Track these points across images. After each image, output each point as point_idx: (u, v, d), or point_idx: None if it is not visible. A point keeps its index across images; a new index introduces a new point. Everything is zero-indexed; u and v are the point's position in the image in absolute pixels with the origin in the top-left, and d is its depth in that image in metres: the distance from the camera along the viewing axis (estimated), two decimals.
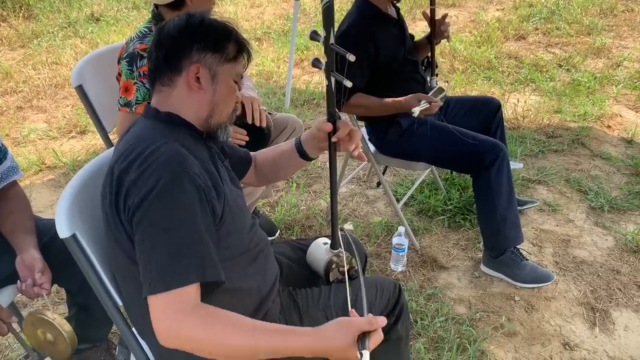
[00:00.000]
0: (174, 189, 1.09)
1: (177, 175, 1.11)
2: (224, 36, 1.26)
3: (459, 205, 2.86)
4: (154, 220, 1.08)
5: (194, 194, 1.12)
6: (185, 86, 1.24)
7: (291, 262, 1.57)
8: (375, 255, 2.58)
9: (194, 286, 1.07)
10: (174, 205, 1.09)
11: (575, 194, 3.01)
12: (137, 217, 1.09)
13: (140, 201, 1.08)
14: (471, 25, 5.91)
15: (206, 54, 1.24)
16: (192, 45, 1.23)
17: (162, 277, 1.05)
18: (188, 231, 1.09)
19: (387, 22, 2.40)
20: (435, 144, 2.35)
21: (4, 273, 1.59)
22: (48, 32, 6.03)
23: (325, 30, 1.25)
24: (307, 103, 4.32)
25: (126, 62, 1.95)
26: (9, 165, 1.70)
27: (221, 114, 1.30)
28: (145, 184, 1.09)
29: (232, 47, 1.27)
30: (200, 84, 1.24)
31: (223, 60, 1.26)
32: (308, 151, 1.50)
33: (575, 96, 4.15)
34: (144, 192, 1.08)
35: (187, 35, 1.24)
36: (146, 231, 1.08)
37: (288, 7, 6.73)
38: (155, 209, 1.08)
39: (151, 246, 1.07)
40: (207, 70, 1.24)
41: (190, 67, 1.23)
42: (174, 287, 1.04)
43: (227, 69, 1.27)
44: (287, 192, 3.10)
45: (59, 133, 3.95)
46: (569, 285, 2.38)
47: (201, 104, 1.26)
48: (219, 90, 1.27)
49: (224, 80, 1.27)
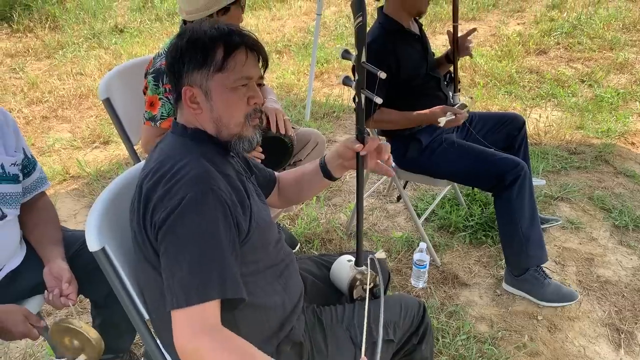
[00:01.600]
0: (198, 205, 1.11)
1: (202, 192, 1.12)
2: (207, 47, 1.21)
3: (481, 221, 2.84)
4: (178, 236, 1.10)
5: (219, 210, 1.13)
6: (188, 109, 1.26)
7: (315, 279, 1.57)
8: (396, 271, 2.57)
9: (214, 303, 1.08)
10: (198, 221, 1.10)
11: (598, 212, 2.98)
12: (162, 233, 1.11)
13: (165, 217, 1.10)
14: (492, 40, 5.90)
15: (192, 73, 1.22)
16: (180, 68, 1.23)
17: (183, 291, 1.06)
18: (211, 247, 1.10)
19: (409, 38, 2.40)
20: (456, 162, 2.34)
21: (31, 283, 1.62)
22: (73, 43, 6.15)
23: (357, 48, 1.26)
24: (327, 116, 4.33)
25: (152, 77, 1.99)
26: (38, 177, 1.73)
27: (228, 126, 1.26)
28: (171, 201, 1.11)
29: (219, 53, 1.21)
30: (197, 104, 1.24)
31: (212, 72, 1.21)
32: (332, 171, 1.49)
33: (598, 112, 4.11)
34: (169, 208, 1.10)
35: (175, 58, 1.24)
36: (170, 246, 1.10)
37: (308, 20, 6.78)
38: (180, 225, 1.10)
39: (174, 261, 1.09)
40: (199, 89, 1.23)
41: (184, 90, 1.23)
42: (195, 303, 1.06)
43: (221, 79, 1.22)
44: (307, 205, 3.11)
45: (82, 143, 4.01)
46: (593, 305, 2.34)
47: (206, 122, 1.27)
48: (216, 106, 1.24)
49: (218, 93, 1.23)
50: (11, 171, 1.59)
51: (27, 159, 1.68)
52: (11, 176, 1.59)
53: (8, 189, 1.58)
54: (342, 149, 1.43)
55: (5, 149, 1.59)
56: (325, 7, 7.18)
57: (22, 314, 1.47)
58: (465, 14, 6.62)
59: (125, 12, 7.38)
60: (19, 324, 1.45)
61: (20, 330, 1.44)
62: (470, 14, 6.68)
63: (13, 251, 1.64)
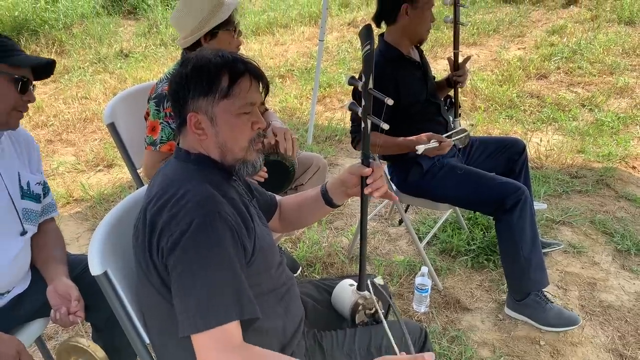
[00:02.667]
0: (206, 230, 1.12)
1: (209, 216, 1.14)
2: (213, 74, 1.24)
3: (482, 245, 2.84)
4: (190, 261, 1.11)
5: (226, 233, 1.15)
6: (192, 134, 1.28)
7: (316, 304, 1.57)
8: (398, 295, 2.56)
9: (234, 324, 1.10)
10: (208, 245, 1.12)
11: (600, 236, 2.97)
12: (172, 259, 1.12)
13: (174, 243, 1.12)
14: (492, 64, 5.96)
15: (198, 100, 1.25)
16: (185, 95, 1.25)
17: (202, 315, 1.08)
18: (224, 269, 1.12)
19: (409, 64, 2.44)
20: (457, 186, 2.35)
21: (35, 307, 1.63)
22: (79, 68, 6.24)
23: (364, 75, 1.30)
24: (329, 139, 4.36)
25: (154, 102, 2.02)
26: (50, 202, 1.77)
27: (233, 151, 1.28)
28: (178, 226, 1.12)
29: (225, 80, 1.24)
30: (202, 130, 1.26)
31: (217, 99, 1.24)
32: (334, 198, 1.50)
33: (599, 136, 4.13)
34: (177, 234, 1.12)
35: (181, 85, 1.26)
36: (183, 272, 1.11)
37: (311, 46, 6.87)
38: (190, 250, 1.11)
39: (190, 286, 1.10)
40: (204, 115, 1.25)
41: (189, 116, 1.25)
42: (215, 325, 1.07)
43: (225, 106, 1.25)
44: (309, 229, 3.11)
45: (86, 166, 4.05)
46: (596, 331, 2.33)
47: (210, 147, 1.29)
48: (221, 131, 1.26)
49: (223, 119, 1.25)
50: (35, 190, 1.65)
51: (44, 182, 1.73)
52: (35, 195, 1.65)
53: (32, 206, 1.64)
54: (346, 176, 1.45)
55: (30, 168, 1.66)
56: (328, 33, 7.28)
57: (15, 349, 1.44)
58: (466, 39, 6.70)
59: (131, 37, 7.49)
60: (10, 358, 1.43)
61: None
62: (471, 39, 6.76)
63: (25, 273, 1.66)
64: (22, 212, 1.59)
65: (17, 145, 1.64)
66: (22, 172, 1.62)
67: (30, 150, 1.68)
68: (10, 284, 1.60)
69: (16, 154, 1.62)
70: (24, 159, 1.65)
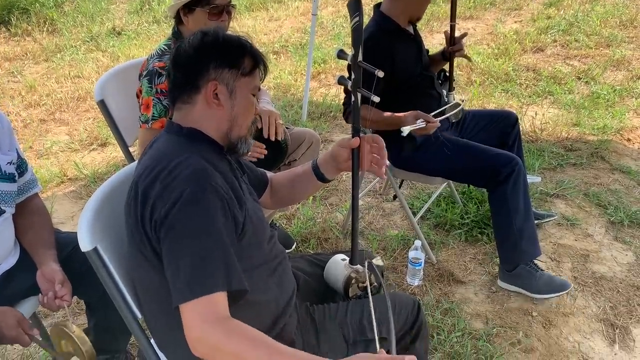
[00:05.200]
0: (198, 201, 1.13)
1: (200, 187, 1.15)
2: (240, 51, 1.30)
3: (476, 219, 2.85)
4: (180, 231, 1.11)
5: (217, 204, 1.15)
6: (204, 103, 1.28)
7: (308, 277, 1.58)
8: (392, 269, 2.58)
9: (221, 295, 1.10)
10: (199, 216, 1.12)
11: (594, 208, 2.98)
12: (163, 230, 1.13)
13: (165, 213, 1.12)
14: (489, 38, 5.91)
15: (223, 70, 1.27)
16: (208, 62, 1.27)
17: (189, 286, 1.08)
18: (212, 241, 1.12)
19: (405, 37, 2.41)
20: (450, 159, 2.34)
21: (25, 285, 1.63)
22: (71, 46, 6.16)
23: (353, 48, 1.29)
24: (324, 116, 4.34)
25: (147, 79, 2.00)
26: (30, 178, 1.74)
27: (240, 128, 1.33)
28: (170, 197, 1.13)
29: (248, 61, 1.31)
30: (219, 100, 1.28)
31: (239, 75, 1.29)
32: (325, 173, 1.51)
33: (595, 109, 4.12)
34: (169, 204, 1.12)
35: (203, 53, 1.28)
36: (172, 242, 1.12)
37: (306, 21, 6.79)
38: (181, 220, 1.12)
39: (178, 256, 1.11)
40: (225, 86, 1.28)
41: (208, 84, 1.27)
42: (201, 295, 1.07)
43: (244, 83, 1.31)
44: (303, 205, 3.12)
45: (80, 145, 4.03)
46: (587, 301, 2.35)
47: (221, 119, 1.30)
48: (237, 105, 1.30)
49: (241, 95, 1.30)
50: (7, 170, 1.61)
51: (20, 159, 1.69)
52: (8, 175, 1.61)
53: (5, 187, 1.60)
54: (337, 150, 1.46)
55: (0, 148, 1.60)
56: (323, 8, 7.19)
57: (16, 318, 1.47)
58: (463, 13, 6.62)
59: (123, 14, 7.39)
60: (12, 328, 1.45)
61: (11, 335, 1.44)
62: (468, 13, 6.68)
63: (8, 250, 1.65)
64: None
65: None
66: None
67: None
68: None
69: None
70: None
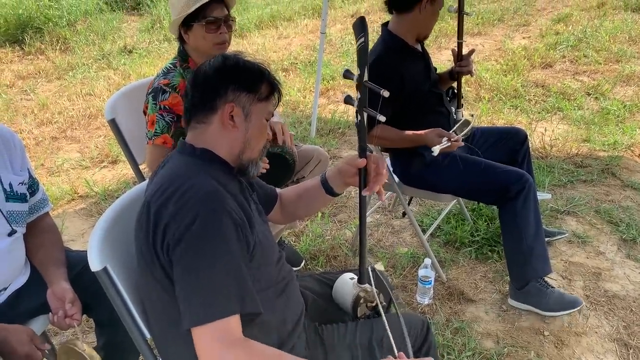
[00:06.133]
0: (211, 224, 1.14)
1: (214, 210, 1.15)
2: (258, 77, 1.33)
3: (486, 236, 2.83)
4: (194, 255, 1.12)
5: (231, 228, 1.16)
6: (219, 124, 1.30)
7: (316, 297, 1.57)
8: (401, 287, 2.56)
9: (235, 317, 1.10)
10: (213, 239, 1.13)
11: (605, 226, 2.96)
12: (177, 252, 1.13)
13: (179, 236, 1.12)
14: (497, 54, 5.92)
15: (240, 93, 1.30)
16: (227, 85, 1.29)
17: (204, 309, 1.09)
18: (227, 264, 1.13)
19: (413, 55, 2.42)
20: (460, 176, 2.34)
21: (36, 303, 1.64)
22: (83, 64, 6.25)
23: (359, 68, 1.30)
24: (332, 132, 4.35)
25: (151, 96, 2.03)
26: (41, 197, 1.76)
27: (253, 150, 1.35)
28: (184, 219, 1.13)
29: (265, 87, 1.34)
30: (234, 122, 1.30)
31: (256, 99, 1.32)
32: (334, 187, 1.52)
33: (605, 125, 4.10)
34: (182, 227, 1.13)
35: (223, 76, 1.31)
36: (186, 265, 1.12)
37: (314, 38, 6.84)
38: (195, 244, 1.12)
39: (193, 279, 1.11)
40: (241, 109, 1.30)
41: (225, 105, 1.29)
42: (217, 318, 1.08)
43: (260, 108, 1.33)
44: (312, 222, 3.12)
45: (91, 163, 4.06)
46: (600, 320, 2.32)
47: (234, 140, 1.32)
48: (251, 128, 1.33)
49: (256, 119, 1.33)
50: (19, 190, 1.63)
51: (32, 179, 1.71)
52: (19, 195, 1.63)
53: (16, 207, 1.61)
54: (344, 167, 1.47)
55: (12, 168, 1.62)
56: (331, 25, 7.25)
57: (27, 335, 1.49)
58: (470, 29, 6.65)
59: (134, 33, 7.49)
60: (24, 344, 1.46)
61: (24, 351, 1.46)
62: (476, 29, 6.71)
63: (19, 269, 1.66)
64: (7, 214, 1.57)
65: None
66: (2, 174, 1.58)
67: (11, 149, 1.62)
68: (5, 281, 1.60)
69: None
70: (5, 160, 1.60)
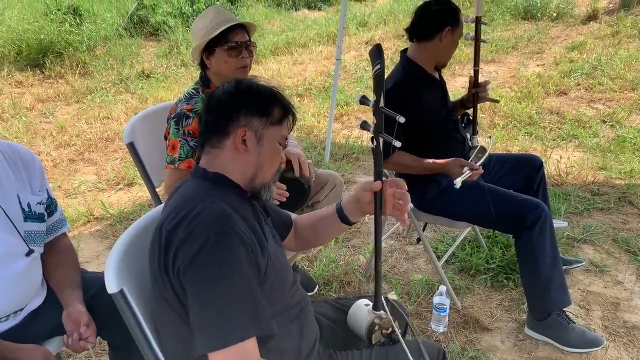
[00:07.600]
0: (222, 247, 1.14)
1: (224, 233, 1.15)
2: (270, 101, 1.33)
3: (502, 264, 2.80)
4: (206, 279, 1.12)
5: (241, 249, 1.16)
6: (232, 148, 1.30)
7: (332, 323, 1.56)
8: (416, 315, 2.53)
9: (252, 341, 1.10)
10: (225, 261, 1.13)
11: (623, 255, 2.91)
12: (188, 277, 1.13)
13: (190, 260, 1.12)
14: (511, 81, 5.93)
15: (253, 117, 1.30)
16: (239, 109, 1.30)
17: (221, 333, 1.08)
18: (239, 286, 1.13)
19: (431, 82, 2.44)
20: (475, 203, 2.32)
21: (51, 325, 1.64)
22: (101, 88, 6.36)
23: (375, 94, 1.31)
24: (346, 157, 4.37)
25: (174, 121, 2.05)
26: (59, 218, 1.78)
27: (265, 175, 1.35)
28: (194, 243, 1.14)
29: (278, 111, 1.33)
30: (246, 146, 1.30)
31: (269, 123, 1.32)
32: (349, 215, 1.50)
33: (621, 153, 4.07)
34: (193, 252, 1.13)
35: (235, 100, 1.32)
36: (199, 290, 1.12)
37: (329, 65, 6.92)
38: (206, 268, 1.12)
39: (206, 304, 1.11)
40: (254, 133, 1.30)
41: (238, 130, 1.29)
42: (234, 343, 1.08)
43: (273, 132, 1.33)
44: (325, 247, 3.11)
45: (107, 185, 4.10)
46: (620, 352, 2.27)
47: (247, 164, 1.32)
48: (263, 152, 1.32)
49: (269, 143, 1.33)
50: (37, 210, 1.64)
51: (50, 199, 1.73)
52: (37, 215, 1.64)
53: (34, 227, 1.63)
54: (360, 193, 1.46)
55: (31, 189, 1.65)
56: (345, 52, 7.34)
57: (43, 355, 1.49)
58: (485, 56, 6.68)
59: (152, 58, 7.63)
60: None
61: None
62: (490, 56, 6.75)
63: (36, 290, 1.67)
64: (25, 234, 1.58)
65: (14, 166, 1.61)
66: (21, 194, 1.60)
67: (30, 170, 1.65)
68: (21, 302, 1.61)
69: (13, 175, 1.60)
70: (24, 181, 1.62)
